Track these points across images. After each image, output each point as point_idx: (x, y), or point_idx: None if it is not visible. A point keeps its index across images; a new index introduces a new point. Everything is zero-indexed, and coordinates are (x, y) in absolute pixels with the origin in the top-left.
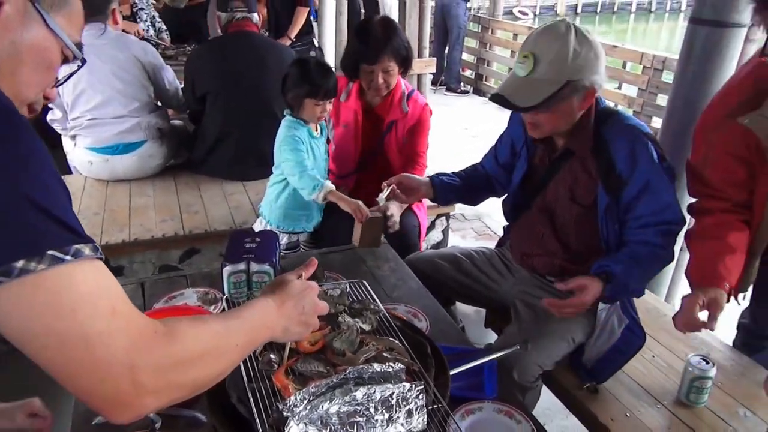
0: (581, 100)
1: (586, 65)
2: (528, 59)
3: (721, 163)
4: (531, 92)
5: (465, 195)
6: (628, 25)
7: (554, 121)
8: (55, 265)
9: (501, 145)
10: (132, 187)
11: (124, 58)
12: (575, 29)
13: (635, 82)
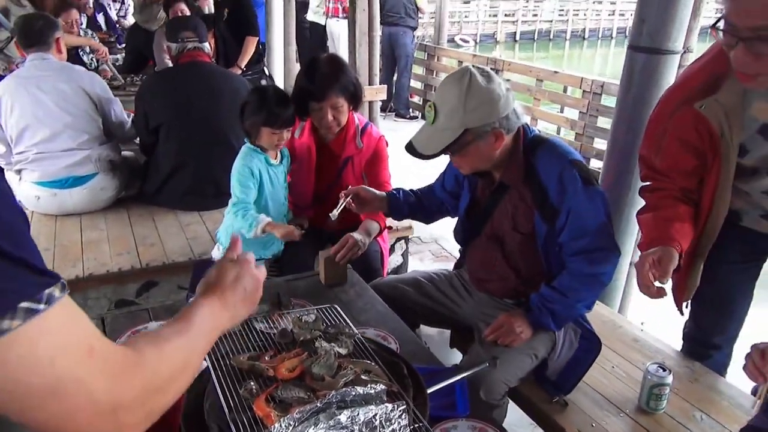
0: (491, 143)
1: (480, 112)
2: (431, 109)
3: (672, 149)
4: (433, 141)
5: (419, 212)
6: (564, 51)
7: (469, 162)
8: (30, 318)
9: (447, 174)
10: (83, 221)
11: (70, 90)
12: (470, 79)
13: (576, 105)
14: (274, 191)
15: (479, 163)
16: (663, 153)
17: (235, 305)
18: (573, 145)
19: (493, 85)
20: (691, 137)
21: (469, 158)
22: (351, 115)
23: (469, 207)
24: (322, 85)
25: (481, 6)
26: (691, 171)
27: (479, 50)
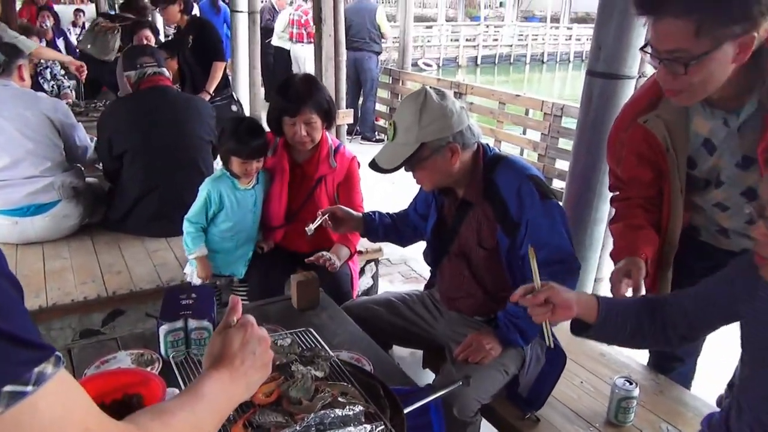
0: (446, 157)
1: (434, 128)
2: (391, 127)
3: (629, 163)
4: (393, 156)
5: (393, 235)
6: (525, 74)
7: (430, 177)
8: (16, 402)
9: (418, 198)
10: (45, 250)
11: (32, 116)
12: (425, 97)
13: (538, 127)
14: (241, 215)
15: (438, 177)
16: (623, 165)
17: (246, 373)
18: (536, 165)
19: (446, 102)
20: (644, 151)
21: (427, 173)
22: (324, 136)
23: (436, 226)
24: (296, 101)
25: (443, 31)
26: (649, 182)
27: (442, 74)
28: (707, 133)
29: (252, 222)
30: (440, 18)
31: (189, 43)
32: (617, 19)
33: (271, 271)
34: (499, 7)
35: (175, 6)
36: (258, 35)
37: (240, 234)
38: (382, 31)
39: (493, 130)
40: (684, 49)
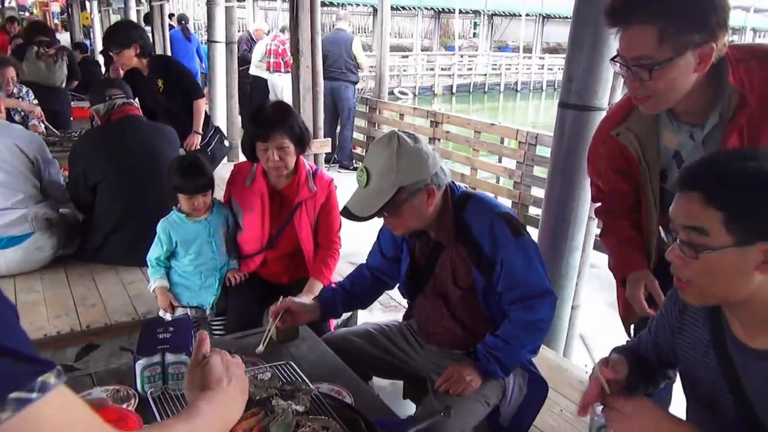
0: (423, 200)
1: (411, 170)
2: (363, 173)
3: (609, 174)
4: (368, 203)
5: (353, 303)
6: (499, 103)
7: (405, 221)
8: (22, 408)
9: (383, 239)
10: (17, 283)
11: (5, 149)
12: (398, 140)
13: (513, 156)
14: (198, 247)
15: (414, 221)
16: (603, 178)
17: (235, 397)
18: (512, 193)
19: (420, 145)
20: (620, 163)
21: (403, 218)
22: (301, 161)
23: (410, 269)
24: (268, 126)
25: (419, 60)
26: (628, 193)
27: (418, 102)
28: (676, 146)
29: (212, 252)
30: (416, 48)
31: (160, 87)
32: (587, 53)
33: (249, 302)
34: (473, 37)
35: (131, 50)
36: (235, 65)
37: (201, 266)
38: (359, 61)
39: (469, 158)
40: (648, 56)
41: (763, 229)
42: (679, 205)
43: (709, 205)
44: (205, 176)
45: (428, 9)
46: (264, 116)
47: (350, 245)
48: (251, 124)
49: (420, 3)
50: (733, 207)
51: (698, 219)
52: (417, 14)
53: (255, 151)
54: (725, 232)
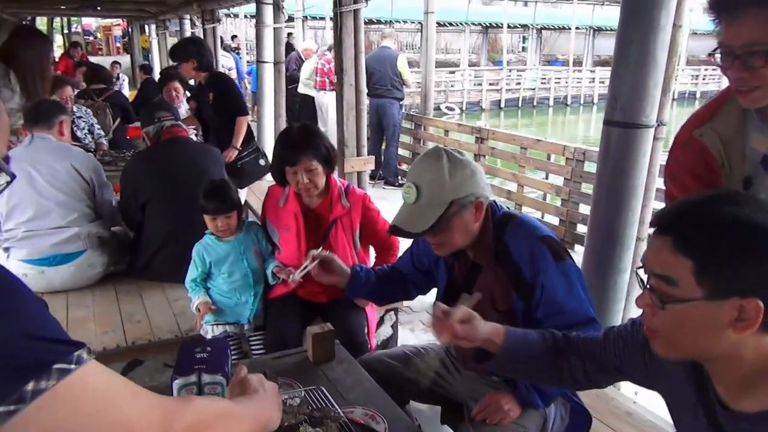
0: (472, 214)
1: (464, 183)
2: (412, 188)
3: (682, 180)
4: (420, 218)
5: (376, 294)
6: (548, 117)
7: (453, 238)
8: (64, 376)
9: (418, 251)
10: (69, 299)
11: (62, 169)
12: (447, 154)
13: (560, 172)
14: (231, 263)
15: (461, 238)
16: (677, 183)
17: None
18: (559, 210)
19: (466, 159)
20: (699, 168)
21: (453, 234)
22: (332, 179)
23: (447, 288)
24: (295, 150)
25: (466, 75)
26: None
27: (465, 117)
28: (766, 150)
29: (245, 270)
30: (463, 63)
31: (210, 100)
32: (633, 68)
33: (287, 320)
34: (521, 51)
35: (189, 64)
36: (283, 85)
37: (236, 283)
38: (404, 78)
39: (515, 174)
40: (762, 41)
41: (738, 283)
42: (649, 248)
43: (678, 251)
44: (228, 199)
45: (476, 24)
46: (290, 141)
47: None
48: (279, 149)
49: (467, 19)
50: (704, 256)
51: (667, 266)
52: (464, 30)
53: (284, 175)
54: (695, 284)
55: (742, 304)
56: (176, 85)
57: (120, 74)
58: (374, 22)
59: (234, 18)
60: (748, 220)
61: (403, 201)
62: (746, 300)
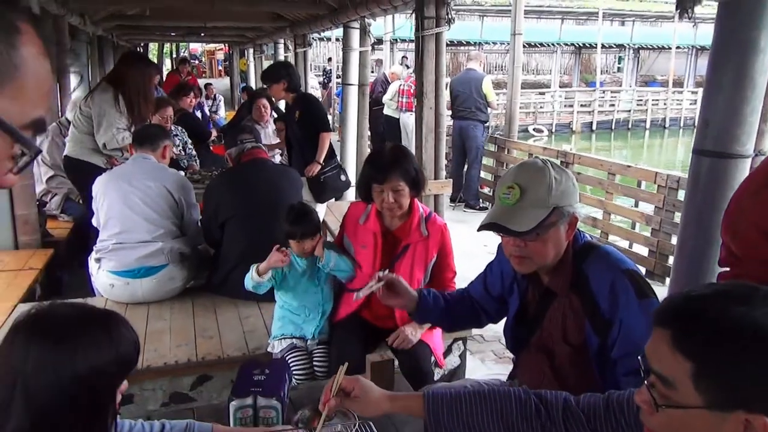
0: (567, 228)
1: (567, 192)
2: (514, 189)
3: (749, 235)
4: (522, 218)
5: (445, 320)
6: (644, 140)
7: (543, 250)
8: None
9: (491, 276)
10: (150, 310)
11: (155, 188)
12: (550, 162)
13: (651, 200)
14: (303, 281)
15: (552, 252)
16: (740, 236)
17: None
18: (649, 240)
19: (567, 170)
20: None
21: (545, 244)
22: (415, 204)
23: (518, 313)
24: (384, 169)
25: (556, 97)
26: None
27: (555, 140)
28: None
29: (316, 287)
30: (554, 84)
31: (296, 118)
32: (727, 93)
33: (351, 343)
34: (616, 72)
35: (280, 85)
36: (366, 106)
37: (306, 300)
38: (489, 100)
39: (602, 201)
40: None
41: (742, 395)
42: (650, 340)
43: (677, 350)
44: (313, 222)
45: (568, 45)
46: (381, 160)
47: None
48: (368, 167)
49: (560, 39)
50: (703, 359)
51: (665, 364)
52: (556, 50)
53: (371, 192)
54: (694, 389)
55: (748, 419)
56: (264, 102)
57: (216, 95)
58: (463, 43)
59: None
60: (755, 325)
61: (500, 202)
62: (753, 416)
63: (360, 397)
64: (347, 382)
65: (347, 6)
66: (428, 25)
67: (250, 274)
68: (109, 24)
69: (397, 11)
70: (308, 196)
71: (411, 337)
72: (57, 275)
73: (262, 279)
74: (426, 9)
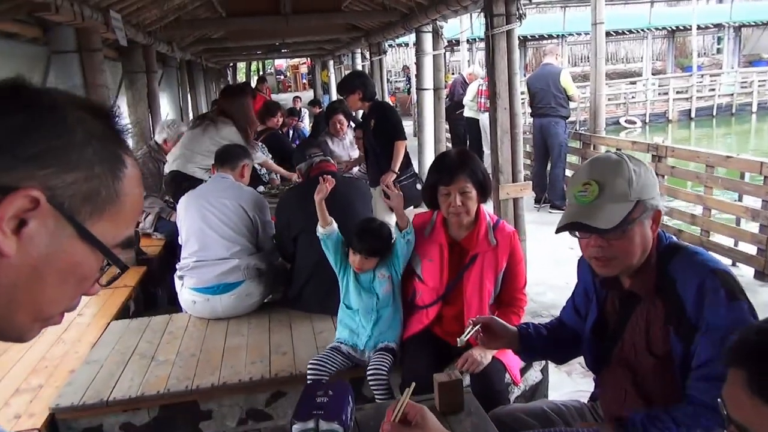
0: (651, 222)
1: (648, 184)
2: (591, 186)
3: None
4: (605, 215)
5: (552, 352)
6: (751, 125)
7: (630, 248)
8: None
9: (578, 296)
10: (229, 326)
11: (231, 206)
12: (626, 155)
13: (757, 193)
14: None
15: (638, 250)
16: None
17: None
18: (756, 238)
19: (646, 163)
20: None
21: (631, 242)
22: (482, 212)
23: (596, 324)
24: (451, 170)
25: (648, 85)
26: None
27: (649, 131)
28: None
29: (373, 295)
30: (646, 72)
31: (371, 126)
32: None
33: (421, 360)
34: (716, 54)
35: (355, 95)
36: (442, 110)
37: (362, 303)
38: (569, 93)
39: (700, 196)
40: None
41: None
42: (726, 383)
43: (754, 393)
44: (377, 245)
45: (660, 29)
46: (447, 161)
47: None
48: (434, 171)
49: (650, 24)
50: None
51: (743, 412)
52: (647, 36)
53: (436, 197)
54: None
55: None
56: (340, 118)
57: (301, 108)
58: (545, 37)
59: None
60: None
61: (575, 201)
62: None
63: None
64: (411, 408)
65: (417, 11)
66: (498, 22)
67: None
68: (195, 48)
69: (467, 11)
70: (382, 205)
71: (481, 359)
72: (151, 292)
73: (326, 229)
74: (495, 6)
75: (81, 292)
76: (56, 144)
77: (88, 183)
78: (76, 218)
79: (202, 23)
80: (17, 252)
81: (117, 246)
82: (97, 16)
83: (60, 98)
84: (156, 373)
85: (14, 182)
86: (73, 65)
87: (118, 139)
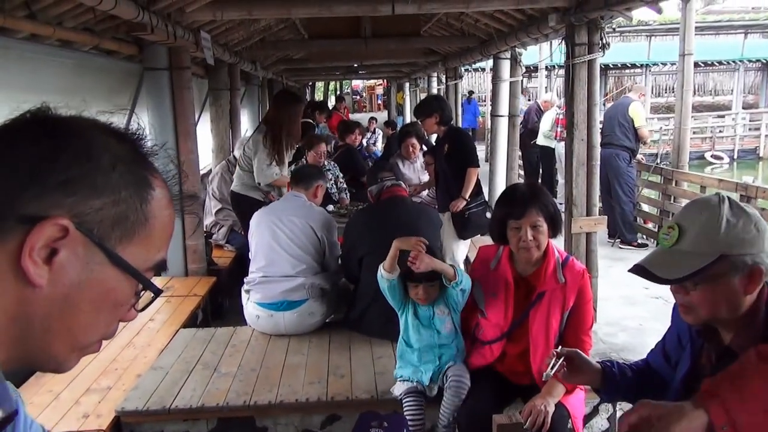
0: (745, 281)
1: (744, 239)
2: (673, 230)
3: None
4: (675, 264)
5: (636, 393)
6: None
7: (710, 303)
8: None
9: (669, 339)
10: (291, 344)
11: (300, 225)
12: (729, 201)
13: None
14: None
15: (722, 306)
16: None
17: None
18: None
19: (754, 212)
20: None
21: (712, 297)
22: (551, 247)
23: (687, 376)
24: (522, 203)
25: (738, 119)
26: None
27: (737, 167)
28: None
29: (431, 334)
30: (735, 105)
31: (445, 151)
32: None
33: (482, 397)
34: None
35: (432, 119)
36: (516, 137)
37: (423, 344)
38: (636, 125)
39: None
40: None
41: None
42: None
43: None
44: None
45: (753, 61)
46: (518, 194)
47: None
48: (503, 204)
49: (742, 56)
50: None
51: None
52: (738, 68)
53: (505, 231)
54: None
55: None
56: (413, 141)
57: (376, 128)
58: (628, 66)
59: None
60: None
61: (659, 244)
62: None
63: None
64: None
65: (496, 37)
66: (579, 52)
67: (380, 272)
68: (277, 68)
69: (548, 39)
70: (450, 230)
71: (545, 409)
72: (219, 302)
73: (389, 274)
74: (577, 35)
75: (117, 319)
76: (82, 170)
77: (116, 207)
78: (106, 244)
79: (286, 44)
80: (49, 282)
81: (149, 270)
82: (188, 36)
83: (84, 124)
84: (217, 385)
85: (43, 211)
86: (163, 81)
87: (145, 162)
